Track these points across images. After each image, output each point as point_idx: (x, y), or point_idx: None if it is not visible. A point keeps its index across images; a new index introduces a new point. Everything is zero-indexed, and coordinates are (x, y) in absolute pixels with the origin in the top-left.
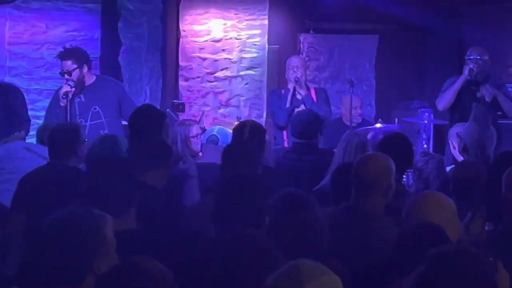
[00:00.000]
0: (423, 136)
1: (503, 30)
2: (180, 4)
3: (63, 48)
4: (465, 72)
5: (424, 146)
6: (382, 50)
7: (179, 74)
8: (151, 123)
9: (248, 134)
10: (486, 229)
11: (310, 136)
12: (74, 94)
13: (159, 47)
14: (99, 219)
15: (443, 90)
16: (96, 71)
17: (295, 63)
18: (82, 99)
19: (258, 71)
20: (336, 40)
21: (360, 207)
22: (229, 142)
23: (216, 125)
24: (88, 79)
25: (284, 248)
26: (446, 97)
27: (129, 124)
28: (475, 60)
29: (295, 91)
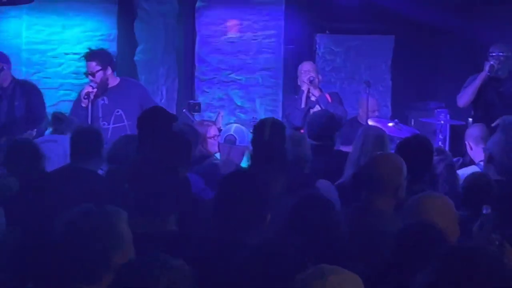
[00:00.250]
0: (439, 136)
1: None
2: (197, 5)
3: (89, 48)
4: (485, 68)
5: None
6: (398, 51)
7: (195, 75)
8: (160, 125)
9: (269, 132)
10: (484, 212)
11: (327, 138)
12: (96, 95)
13: (175, 47)
14: (113, 215)
15: (465, 86)
16: None
17: (306, 67)
18: (105, 102)
19: (274, 72)
20: (352, 40)
21: (370, 206)
22: (246, 141)
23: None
24: (111, 81)
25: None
26: (466, 93)
27: (137, 125)
28: (497, 56)
29: (309, 92)
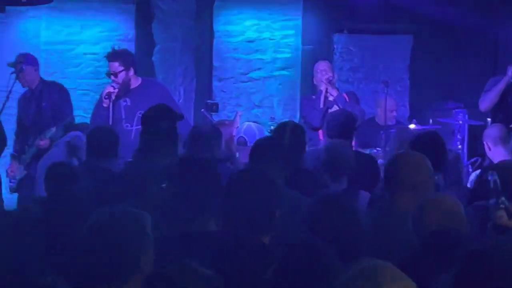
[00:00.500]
0: (458, 136)
1: None
2: (214, 4)
3: (112, 49)
4: (508, 73)
5: (459, 147)
6: (417, 50)
7: (213, 75)
8: (164, 123)
9: (289, 135)
10: (489, 178)
11: (346, 137)
12: (118, 95)
13: (193, 47)
14: (141, 217)
15: (486, 90)
16: None
17: (323, 66)
18: (128, 103)
19: (291, 72)
20: (370, 40)
21: (393, 206)
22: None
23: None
24: (134, 82)
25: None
26: (488, 97)
27: (141, 123)
28: None
29: (327, 92)
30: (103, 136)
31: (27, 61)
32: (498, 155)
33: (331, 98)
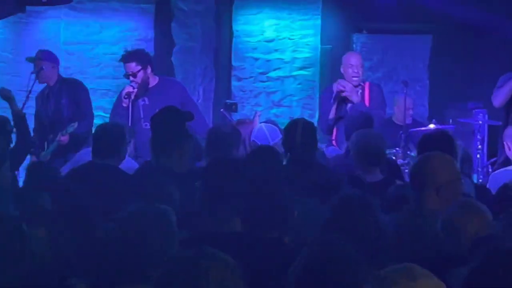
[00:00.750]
0: (478, 137)
1: None
2: (233, 4)
3: (125, 50)
4: None
5: (479, 147)
6: (436, 50)
7: (232, 74)
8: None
9: (301, 133)
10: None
11: None
12: (137, 95)
13: (212, 47)
14: (168, 213)
15: (499, 86)
16: None
17: (354, 61)
18: (146, 102)
19: (310, 71)
20: (390, 40)
21: (419, 205)
22: (269, 141)
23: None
24: (151, 80)
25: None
26: (502, 93)
27: (151, 125)
28: None
29: (344, 100)
30: (106, 134)
31: (45, 57)
32: None
33: (350, 104)
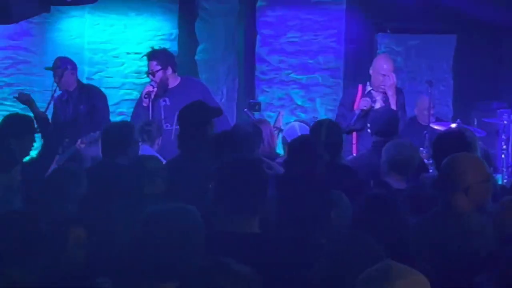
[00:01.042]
0: (502, 137)
1: None
2: (257, 4)
3: (151, 48)
4: None
5: (504, 147)
6: (460, 50)
7: (255, 74)
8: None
9: (325, 133)
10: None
11: (391, 134)
12: (157, 95)
13: (235, 47)
14: (196, 213)
15: None
16: None
17: (386, 70)
18: (167, 103)
19: (334, 71)
20: (413, 40)
21: (448, 207)
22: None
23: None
24: (172, 81)
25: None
26: None
27: (178, 121)
28: None
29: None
30: (117, 132)
31: (64, 64)
32: None
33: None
